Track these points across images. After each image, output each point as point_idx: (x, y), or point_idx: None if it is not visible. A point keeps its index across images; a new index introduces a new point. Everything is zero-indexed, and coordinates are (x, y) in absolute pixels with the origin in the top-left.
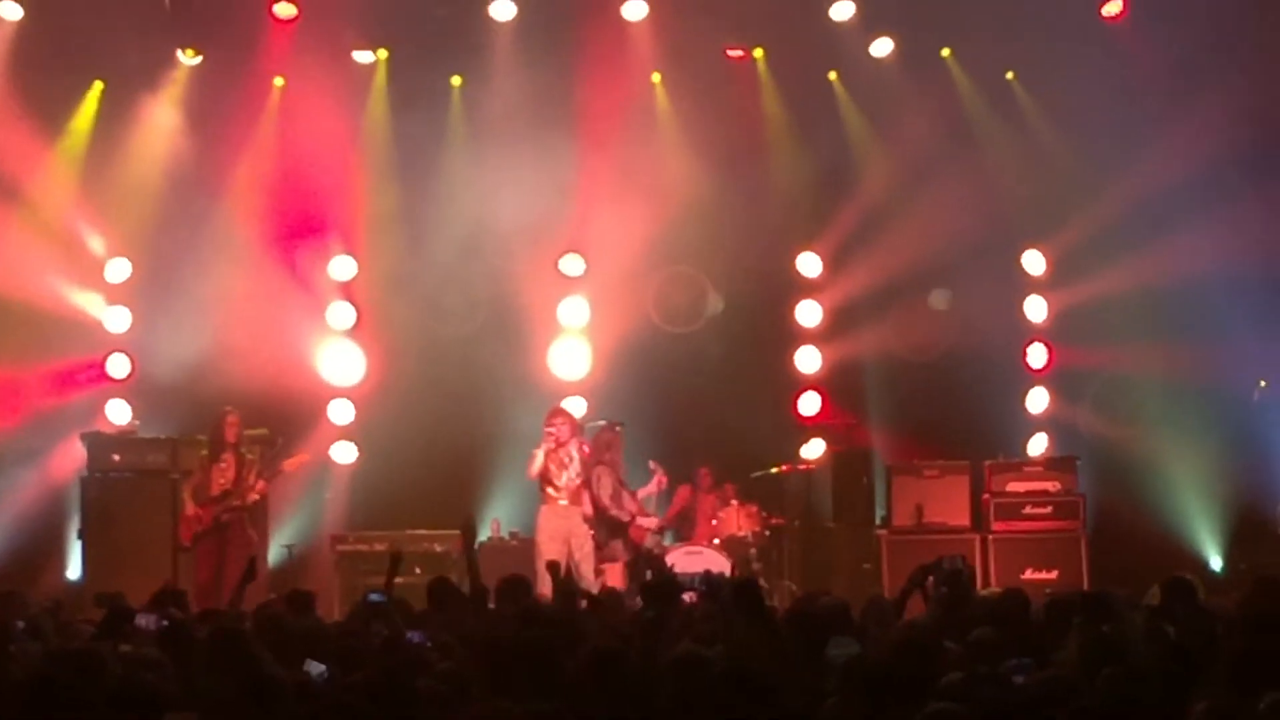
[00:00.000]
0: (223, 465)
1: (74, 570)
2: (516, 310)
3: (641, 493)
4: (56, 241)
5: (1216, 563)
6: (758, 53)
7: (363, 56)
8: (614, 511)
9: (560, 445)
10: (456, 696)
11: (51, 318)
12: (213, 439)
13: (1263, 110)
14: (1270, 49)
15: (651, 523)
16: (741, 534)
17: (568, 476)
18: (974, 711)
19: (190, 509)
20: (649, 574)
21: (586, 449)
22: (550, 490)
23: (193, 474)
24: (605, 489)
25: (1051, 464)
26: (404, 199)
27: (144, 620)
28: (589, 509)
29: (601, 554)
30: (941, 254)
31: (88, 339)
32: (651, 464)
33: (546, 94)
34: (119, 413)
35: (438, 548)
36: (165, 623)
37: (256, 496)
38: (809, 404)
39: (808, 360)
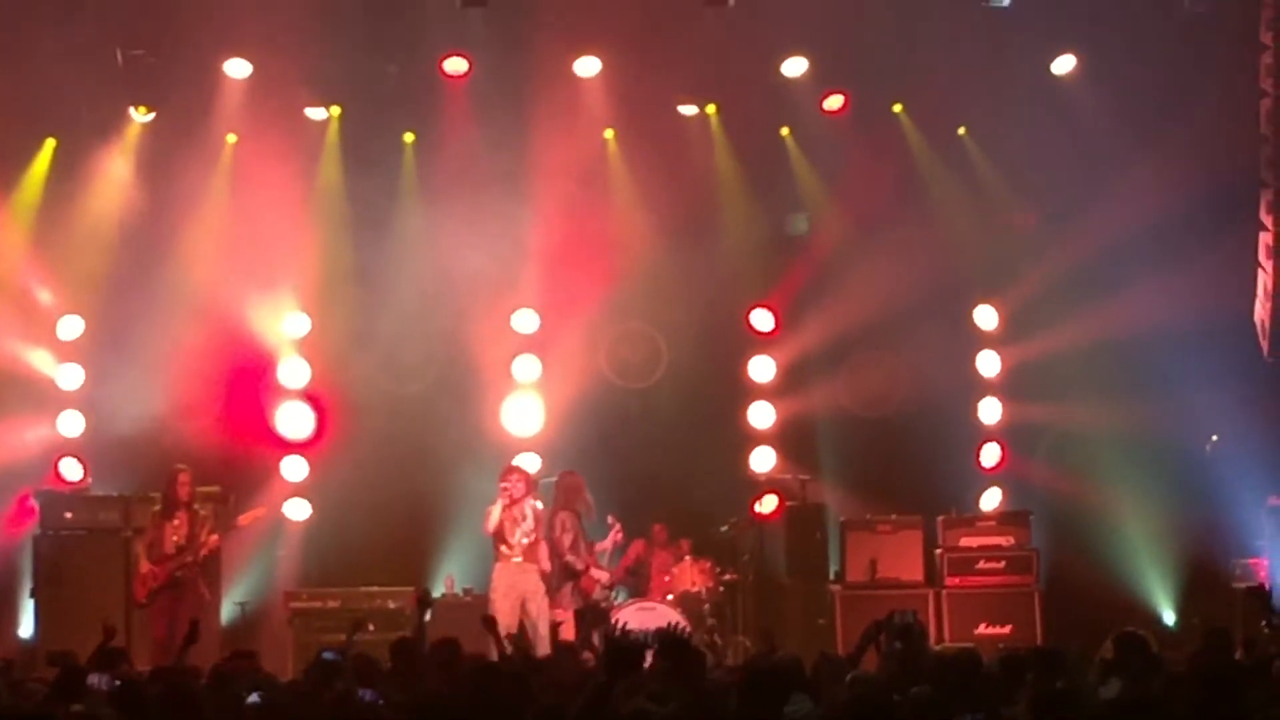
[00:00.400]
0: (175, 523)
1: (26, 629)
2: (470, 366)
3: (598, 546)
4: (8, 298)
5: (1169, 617)
6: (710, 108)
7: (315, 114)
8: (569, 558)
9: (514, 502)
10: None
11: (3, 376)
12: (165, 497)
13: (1211, 165)
14: (1218, 107)
15: (603, 576)
16: (695, 590)
17: (520, 533)
18: None
19: (144, 566)
20: (598, 631)
21: (540, 505)
22: (504, 548)
23: (146, 531)
24: (567, 536)
25: (1005, 519)
26: (357, 256)
27: (96, 679)
28: (545, 565)
29: (555, 600)
30: (893, 309)
31: (39, 397)
32: (610, 518)
33: (499, 150)
34: (71, 470)
35: (391, 604)
36: (117, 682)
37: (208, 552)
38: (762, 459)
39: (761, 415)
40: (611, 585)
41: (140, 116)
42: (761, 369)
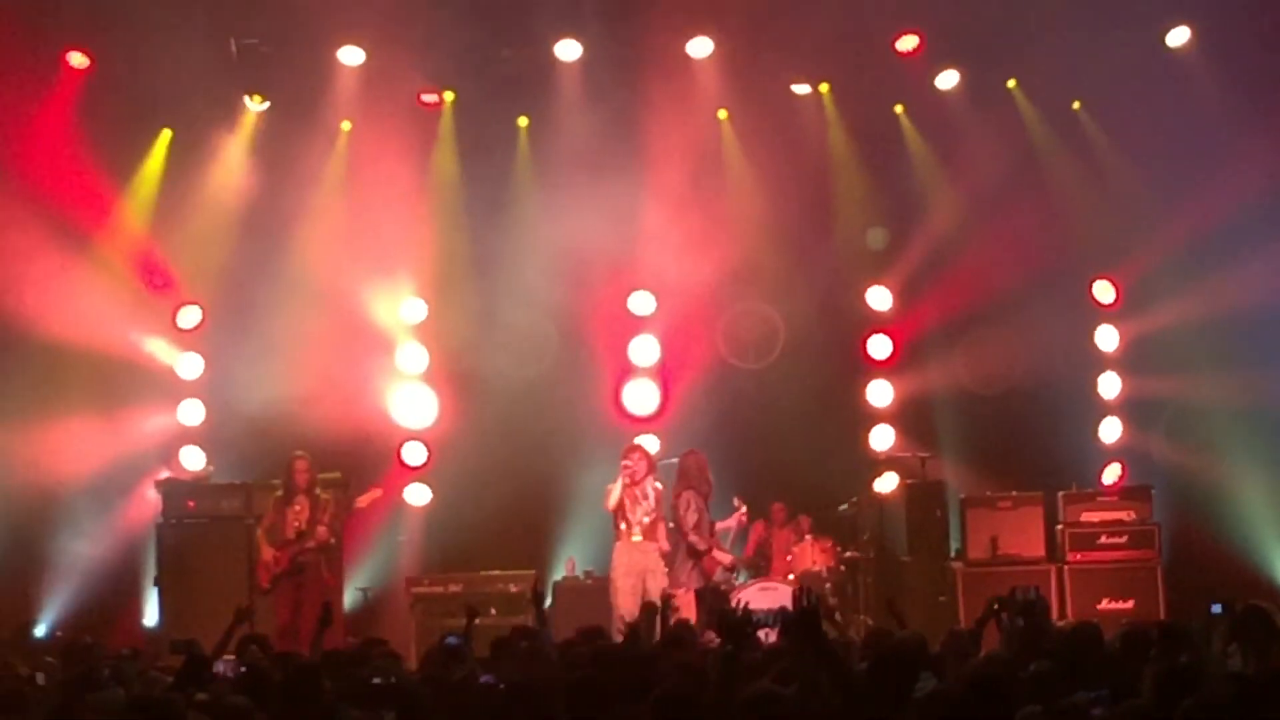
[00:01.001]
0: (296, 508)
1: (151, 617)
2: (587, 349)
3: (720, 526)
4: (127, 290)
5: None
6: (823, 87)
7: (429, 99)
8: (693, 538)
9: (636, 482)
10: None
11: (124, 366)
12: (285, 483)
13: None
14: None
15: (726, 559)
16: (816, 569)
17: (641, 512)
18: None
19: (267, 553)
20: (718, 612)
21: (660, 486)
22: (624, 526)
23: (266, 517)
24: (691, 515)
25: (1126, 494)
26: (474, 240)
27: (222, 666)
28: (664, 544)
29: (675, 578)
30: (1011, 285)
31: (160, 386)
32: (736, 499)
33: (613, 132)
34: (193, 459)
35: (512, 588)
36: (243, 669)
37: (332, 539)
38: (881, 437)
39: (879, 394)
40: (734, 568)
41: (255, 106)
42: (879, 347)
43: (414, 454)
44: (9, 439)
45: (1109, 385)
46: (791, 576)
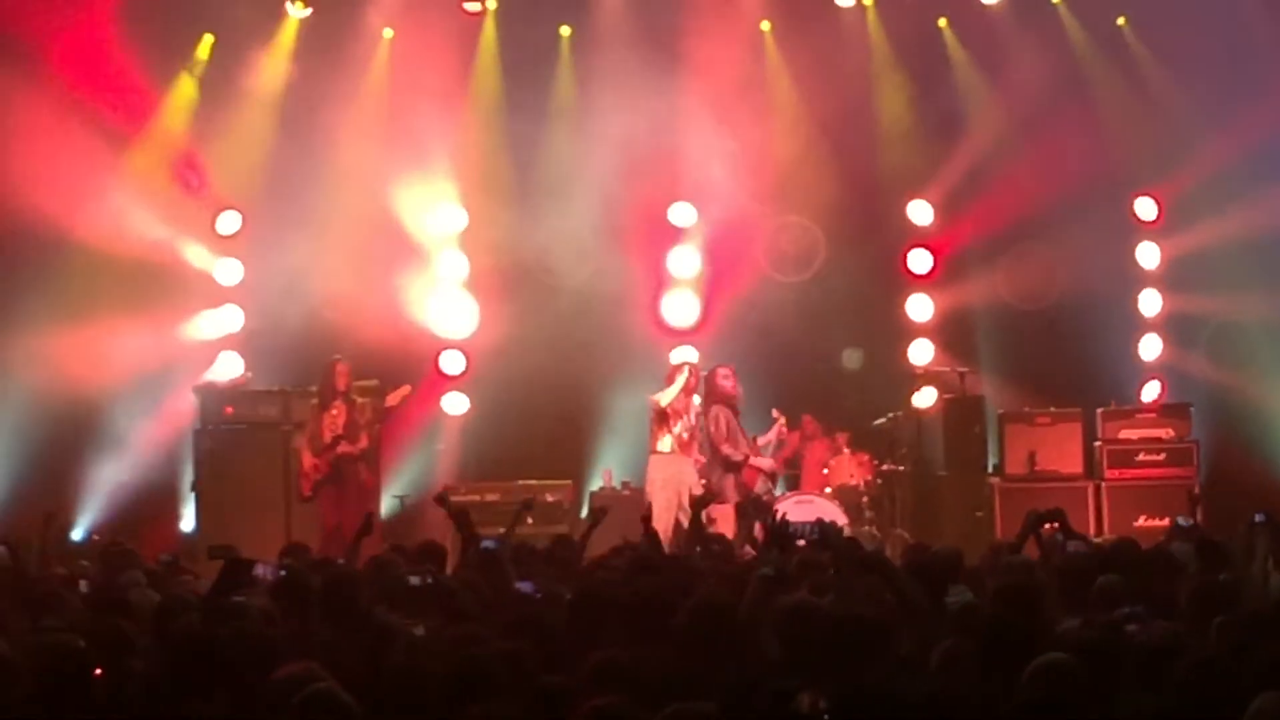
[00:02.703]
0: (334, 413)
1: (188, 523)
2: (627, 260)
3: (761, 440)
4: (167, 194)
5: None
6: (868, 0)
7: (472, 6)
8: (726, 449)
9: (688, 393)
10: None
11: (162, 270)
12: (323, 388)
13: None
14: None
15: (765, 463)
16: (853, 483)
17: (682, 427)
18: (1086, 661)
19: (307, 460)
20: (757, 522)
21: (698, 403)
22: (664, 435)
23: (306, 425)
24: (721, 429)
25: (1165, 411)
26: (514, 150)
27: (262, 570)
28: (701, 458)
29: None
30: (1053, 201)
31: (199, 291)
32: (775, 412)
33: (656, 43)
34: (231, 365)
35: (550, 498)
36: (282, 573)
37: (367, 443)
38: (920, 352)
39: (919, 308)
40: (774, 475)
41: (297, 11)
42: (920, 261)
43: (452, 362)
44: (46, 343)
45: (1149, 302)
46: (828, 490)
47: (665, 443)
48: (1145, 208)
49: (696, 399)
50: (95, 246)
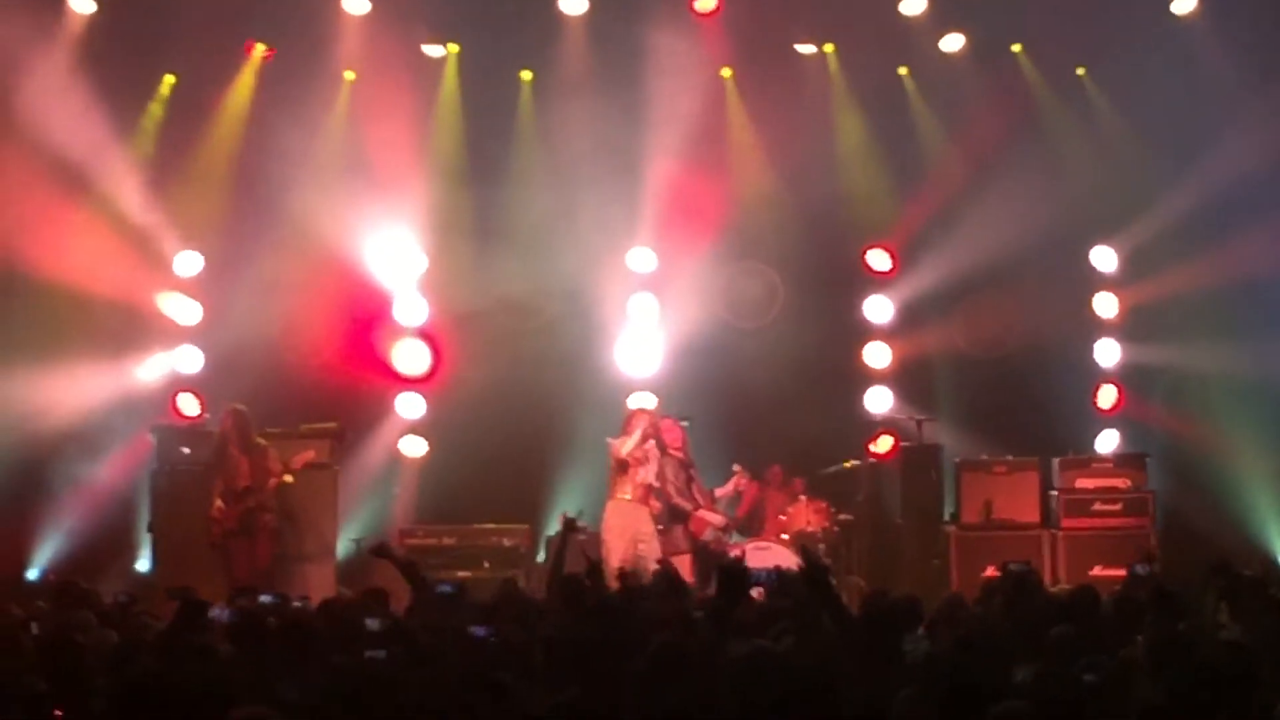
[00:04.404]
0: (232, 460)
1: (144, 563)
2: (586, 305)
3: (718, 492)
4: (128, 235)
5: None
6: (828, 48)
7: (433, 51)
8: (676, 500)
9: (646, 438)
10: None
11: (122, 311)
12: (218, 434)
13: None
14: None
15: (715, 519)
16: (810, 529)
17: (645, 473)
18: (1044, 710)
19: (216, 507)
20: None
21: (657, 450)
22: (622, 483)
23: (216, 471)
24: (670, 479)
25: (1121, 460)
26: (475, 194)
27: (218, 612)
28: (656, 504)
29: (665, 540)
30: (1011, 250)
31: (157, 333)
32: (736, 467)
33: (616, 88)
34: (188, 405)
35: (505, 542)
36: (238, 615)
37: (276, 481)
38: (879, 399)
39: (877, 355)
40: (726, 528)
41: (259, 53)
42: (878, 309)
43: (410, 406)
44: (5, 384)
45: (1107, 352)
46: (785, 537)
47: (625, 490)
48: (1104, 257)
49: (654, 445)
50: (54, 286)
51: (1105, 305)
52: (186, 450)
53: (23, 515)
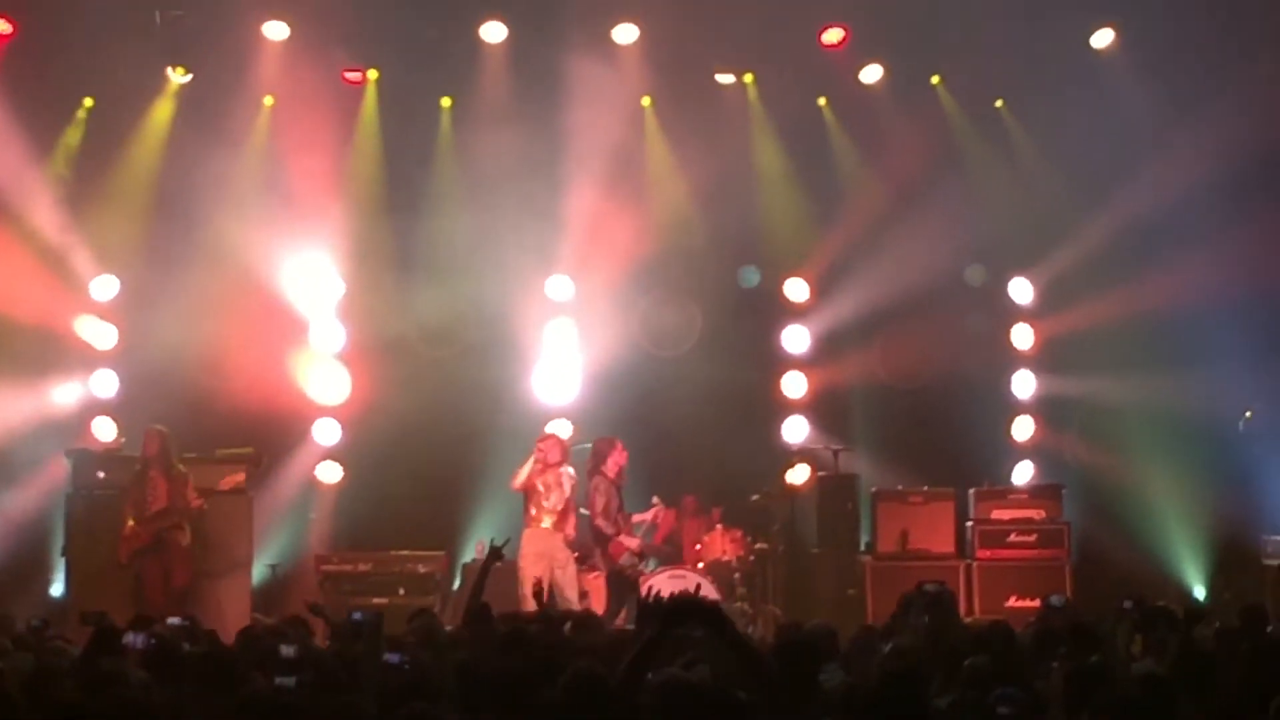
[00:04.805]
0: (150, 481)
1: (58, 587)
2: (503, 332)
3: (635, 518)
4: (44, 258)
5: (1200, 592)
6: (748, 78)
7: (353, 76)
8: (599, 522)
9: (548, 467)
10: None
11: (38, 336)
12: (142, 456)
13: (1250, 139)
14: (1258, 79)
15: (632, 543)
16: (725, 559)
17: (555, 499)
18: None
19: (129, 526)
20: (631, 597)
21: (573, 473)
22: (534, 512)
23: (129, 491)
24: (600, 499)
25: (1037, 492)
26: (393, 220)
27: (132, 639)
28: (571, 533)
29: (584, 564)
30: (928, 281)
31: (74, 357)
32: (655, 499)
33: (536, 115)
34: (105, 430)
35: (421, 569)
36: (153, 641)
37: (199, 503)
38: (795, 429)
39: (794, 385)
40: (641, 554)
41: (178, 77)
42: (795, 339)
43: (327, 432)
44: None
45: (1023, 384)
46: (701, 565)
47: (541, 519)
48: (1021, 289)
49: (571, 470)
50: None
51: (1022, 337)
52: (102, 475)
53: None
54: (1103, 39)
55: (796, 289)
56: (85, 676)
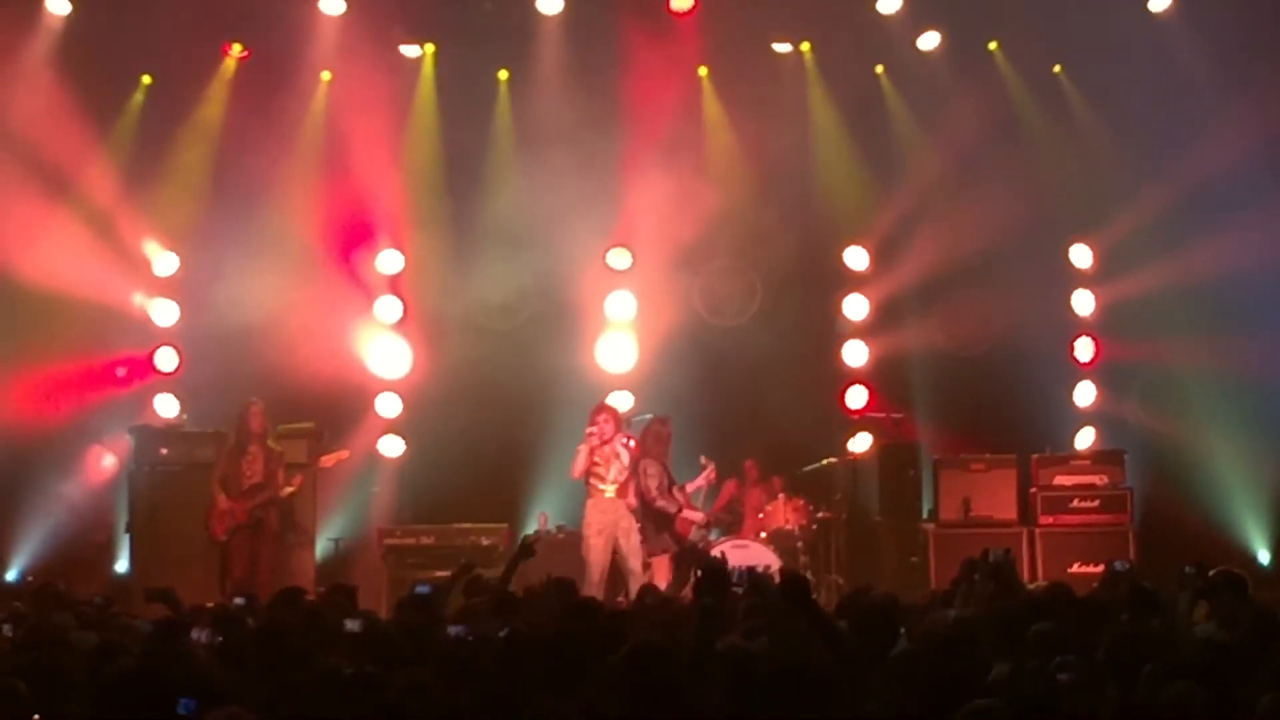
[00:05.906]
0: (250, 457)
1: (122, 564)
2: (563, 304)
3: (690, 487)
4: (105, 236)
5: (1264, 556)
6: (805, 46)
7: (410, 51)
8: (660, 503)
9: (604, 442)
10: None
11: (100, 312)
12: (238, 430)
13: None
14: None
15: (698, 516)
16: (788, 528)
17: (615, 470)
18: (1017, 709)
19: (222, 502)
20: (696, 569)
21: (633, 444)
22: (597, 484)
23: (219, 466)
24: (653, 481)
25: (1099, 458)
26: (452, 192)
27: (197, 634)
28: (634, 502)
29: (649, 546)
30: (988, 248)
31: (136, 333)
32: (703, 459)
33: (593, 87)
34: (167, 406)
35: (484, 541)
36: (219, 639)
37: (292, 489)
38: (856, 397)
39: (855, 354)
40: (707, 524)
41: (235, 54)
42: (855, 307)
43: (388, 405)
44: None
45: (1084, 349)
46: (764, 535)
47: (604, 490)
48: (1081, 255)
49: (630, 440)
50: (34, 289)
51: (1083, 302)
52: (164, 451)
53: (1, 517)
54: (1161, 3)
55: (856, 257)
56: (149, 652)
